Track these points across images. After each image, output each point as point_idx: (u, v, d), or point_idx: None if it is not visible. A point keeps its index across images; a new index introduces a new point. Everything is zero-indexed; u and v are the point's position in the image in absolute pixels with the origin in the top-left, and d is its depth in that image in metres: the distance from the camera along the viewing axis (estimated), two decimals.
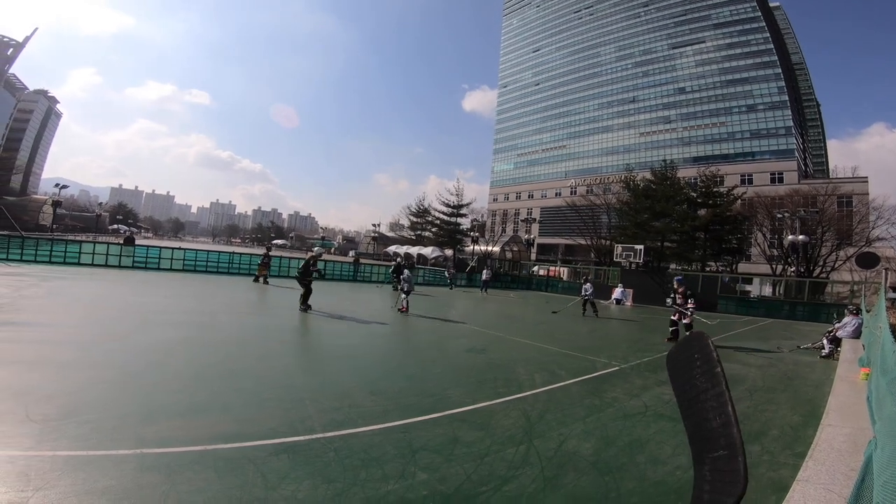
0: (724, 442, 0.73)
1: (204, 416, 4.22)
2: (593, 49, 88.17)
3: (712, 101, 71.34)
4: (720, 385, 0.76)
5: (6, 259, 18.29)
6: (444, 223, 57.22)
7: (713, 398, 0.76)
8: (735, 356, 11.14)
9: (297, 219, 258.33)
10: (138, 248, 22.86)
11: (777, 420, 5.89)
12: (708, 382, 0.78)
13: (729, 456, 0.71)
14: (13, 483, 2.78)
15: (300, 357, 7.74)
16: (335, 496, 2.99)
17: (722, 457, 0.72)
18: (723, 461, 0.72)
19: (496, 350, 9.35)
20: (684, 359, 0.84)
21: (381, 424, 4.37)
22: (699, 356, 0.81)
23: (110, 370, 5.40)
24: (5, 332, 6.75)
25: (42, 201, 68.63)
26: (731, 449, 0.71)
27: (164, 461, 3.25)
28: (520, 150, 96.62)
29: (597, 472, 3.83)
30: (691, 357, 0.82)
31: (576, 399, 6.17)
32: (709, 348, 0.80)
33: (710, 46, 72.99)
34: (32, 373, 5.01)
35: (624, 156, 77.43)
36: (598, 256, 51.18)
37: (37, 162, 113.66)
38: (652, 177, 44.77)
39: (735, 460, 0.70)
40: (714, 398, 0.76)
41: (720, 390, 0.76)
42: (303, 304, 11.74)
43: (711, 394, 0.77)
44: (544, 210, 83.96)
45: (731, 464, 0.71)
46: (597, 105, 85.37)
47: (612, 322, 19.12)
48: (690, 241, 40.10)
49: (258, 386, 5.35)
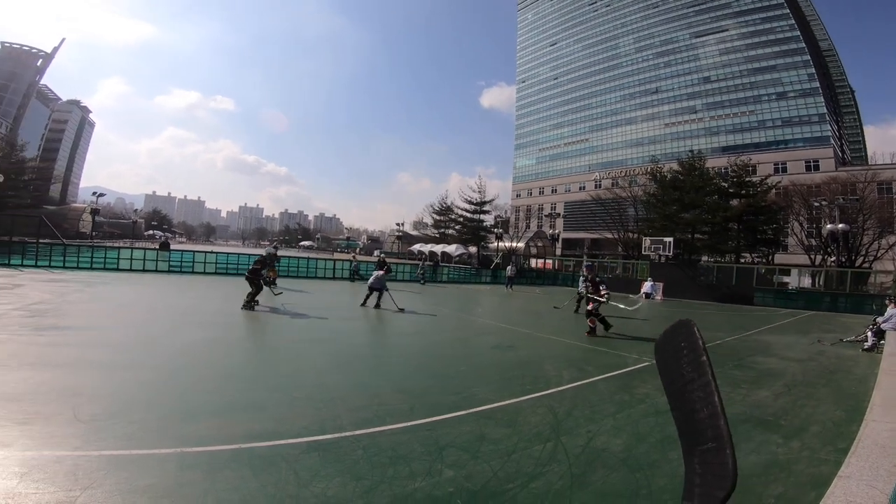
0: (712, 434, 0.71)
1: (239, 415, 4.34)
2: (611, 41, 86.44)
3: (739, 90, 68.98)
4: (706, 375, 0.74)
5: (49, 266, 19.17)
6: (468, 220, 57.10)
7: (700, 388, 0.75)
8: (773, 350, 10.81)
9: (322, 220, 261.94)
10: (173, 252, 23.70)
11: (818, 415, 5.69)
12: (694, 372, 0.76)
13: (717, 448, 0.70)
14: (62, 482, 2.87)
15: (327, 356, 7.86)
16: (364, 493, 3.04)
17: (710, 449, 0.71)
18: (711, 454, 0.70)
19: (523, 346, 9.31)
20: (671, 348, 0.82)
21: (409, 422, 4.42)
22: (685, 344, 0.79)
23: (150, 371, 5.62)
24: (52, 335, 7.08)
25: (81, 209, 71.42)
26: (718, 441, 0.70)
27: (202, 460, 3.35)
28: (541, 144, 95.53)
29: (627, 469, 3.78)
30: (678, 346, 0.80)
31: (605, 395, 6.09)
32: (695, 336, 0.78)
33: (734, 35, 70.60)
34: (78, 374, 5.25)
35: (649, 147, 75.68)
36: (625, 250, 50.30)
37: (74, 171, 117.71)
38: (679, 168, 43.70)
39: (723, 453, 0.69)
40: (701, 388, 0.74)
41: (706, 380, 0.74)
42: (248, 302, 11.24)
43: (698, 384, 0.75)
44: (568, 204, 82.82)
45: (720, 456, 0.69)
46: (618, 97, 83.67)
47: (643, 317, 18.77)
48: (723, 233, 38.93)
49: (288, 385, 5.48)
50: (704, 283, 30.68)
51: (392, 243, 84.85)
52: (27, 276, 15.24)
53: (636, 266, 36.21)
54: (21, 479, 2.83)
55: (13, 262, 19.09)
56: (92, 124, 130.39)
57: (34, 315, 8.51)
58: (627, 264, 38.93)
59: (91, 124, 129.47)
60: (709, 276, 31.99)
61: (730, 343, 11.66)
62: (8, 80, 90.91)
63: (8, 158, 49.08)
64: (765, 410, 5.82)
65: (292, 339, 8.68)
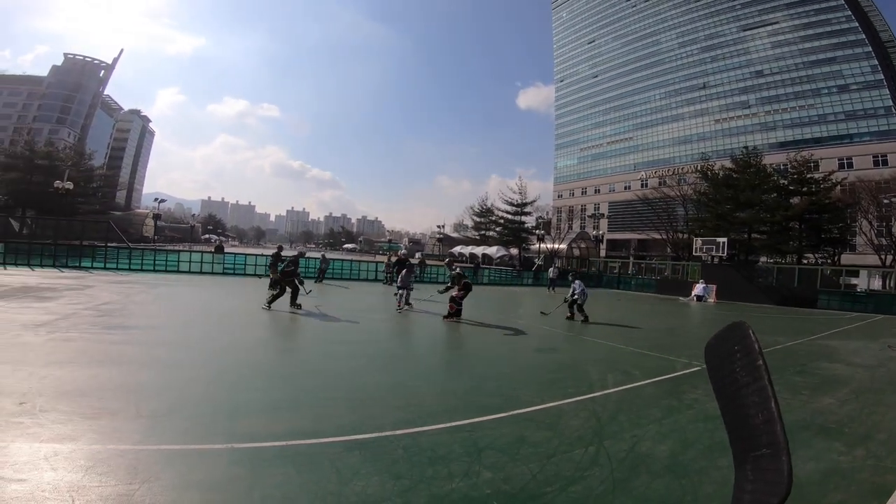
0: (767, 440, 0.68)
1: (283, 413, 4.49)
2: (652, 37, 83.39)
3: (796, 83, 64.81)
4: (762, 379, 0.72)
5: (116, 268, 20.54)
6: (509, 222, 56.75)
7: (755, 393, 0.72)
8: (839, 355, 10.14)
9: (364, 223, 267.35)
10: (227, 255, 24.91)
11: (886, 423, 5.31)
12: (749, 376, 0.74)
13: (772, 455, 0.67)
14: (122, 476, 3.01)
15: (368, 357, 8.02)
16: (402, 492, 3.07)
17: (765, 455, 0.69)
18: (765, 460, 0.68)
19: (566, 349, 9.16)
20: (723, 351, 0.80)
21: (448, 423, 4.43)
22: (739, 348, 0.77)
23: (205, 369, 5.91)
24: (119, 334, 7.57)
25: (145, 215, 76.20)
26: (774, 447, 0.67)
27: (250, 456, 3.47)
28: (582, 144, 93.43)
29: (672, 475, 3.64)
30: (731, 349, 0.78)
31: (651, 400, 5.90)
32: (750, 339, 0.76)
33: (786, 27, 66.61)
34: (142, 372, 5.60)
35: (698, 144, 72.41)
36: (674, 251, 48.46)
37: (137, 178, 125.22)
38: (733, 165, 41.69)
39: (778, 459, 0.66)
40: (756, 393, 0.72)
41: (762, 384, 0.72)
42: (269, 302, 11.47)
43: (753, 388, 0.73)
44: (613, 204, 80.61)
45: (775, 463, 0.67)
46: (662, 94, 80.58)
47: (694, 320, 18.03)
48: (783, 232, 36.74)
49: (331, 384, 5.63)
50: (762, 284, 29.08)
51: (433, 245, 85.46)
52: (96, 277, 16.36)
53: (687, 267, 34.76)
54: (86, 473, 2.99)
55: (83, 265, 20.58)
56: (152, 133, 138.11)
57: (103, 315, 9.13)
58: (677, 266, 37.41)
59: (151, 133, 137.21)
60: (767, 277, 30.30)
61: (791, 348, 11.02)
62: (73, 90, 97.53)
63: (77, 167, 52.75)
64: (827, 418, 5.48)
65: (332, 340, 8.89)
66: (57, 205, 41.91)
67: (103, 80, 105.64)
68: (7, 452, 3.17)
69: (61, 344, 6.50)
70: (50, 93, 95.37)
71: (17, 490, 2.70)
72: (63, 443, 3.39)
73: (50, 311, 8.90)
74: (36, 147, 51.51)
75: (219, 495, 2.92)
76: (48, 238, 23.52)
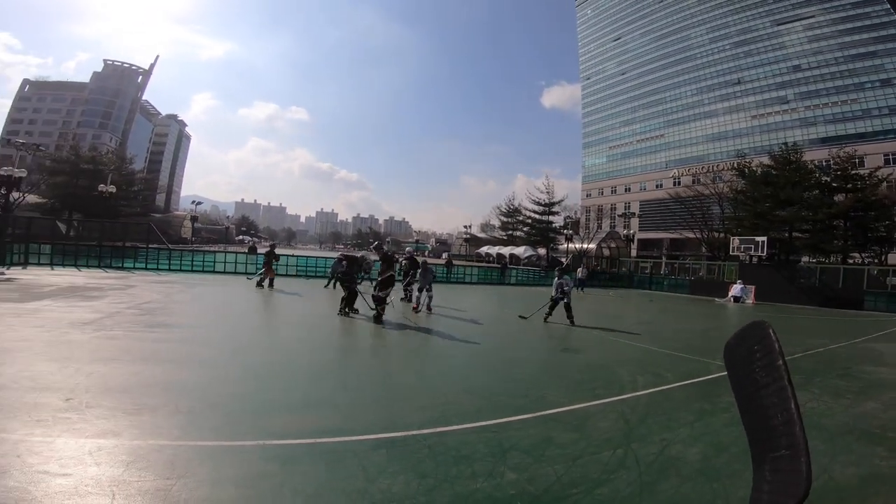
0: (786, 441, 0.68)
1: (313, 411, 4.59)
2: (681, 33, 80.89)
3: (836, 78, 61.73)
4: (782, 380, 0.72)
5: (157, 268, 21.38)
6: (536, 222, 56.19)
7: (774, 394, 0.72)
8: (885, 359, 9.74)
9: (392, 223, 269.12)
10: (260, 256, 25.56)
11: None
12: (769, 377, 0.73)
13: (791, 456, 0.67)
14: (161, 471, 3.10)
15: (397, 355, 8.12)
16: (427, 491, 3.10)
17: (784, 457, 0.68)
18: (784, 461, 0.68)
19: (594, 350, 9.03)
20: (743, 351, 0.79)
21: (474, 423, 4.44)
22: (759, 348, 0.76)
23: (239, 367, 6.10)
24: (160, 333, 7.89)
25: (183, 217, 78.78)
26: (793, 448, 0.67)
27: (280, 452, 3.56)
28: (611, 142, 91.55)
29: (704, 479, 3.56)
30: (750, 349, 0.78)
31: (683, 403, 5.77)
32: (770, 338, 0.75)
33: (822, 21, 63.60)
34: (181, 369, 5.83)
35: (733, 141, 69.96)
36: (710, 250, 46.93)
37: (175, 181, 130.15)
38: (771, 161, 40.21)
39: (797, 460, 0.66)
40: (775, 394, 0.72)
41: (781, 385, 0.71)
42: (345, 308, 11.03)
43: (772, 389, 0.72)
44: (644, 203, 78.71)
45: (794, 464, 0.66)
46: (694, 90, 78.07)
47: (731, 321, 17.47)
48: (826, 231, 35.16)
49: (360, 383, 5.73)
50: (804, 285, 27.90)
51: (460, 245, 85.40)
52: (138, 277, 17.08)
53: (723, 267, 33.64)
54: (127, 468, 3.12)
55: (126, 265, 21.54)
56: (188, 137, 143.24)
57: (145, 313, 9.54)
58: (712, 265, 36.24)
59: (187, 137, 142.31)
60: (810, 277, 29.06)
61: (834, 351, 10.57)
62: (114, 96, 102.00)
63: (119, 171, 55.02)
64: (870, 422, 5.26)
65: (362, 340, 9.05)
66: (101, 208, 43.82)
67: (141, 86, 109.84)
68: (54, 447, 3.33)
69: (106, 341, 6.82)
70: (92, 98, 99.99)
71: (61, 484, 2.83)
72: (106, 438, 3.54)
73: (96, 310, 9.35)
74: (81, 152, 53.95)
75: (250, 491, 3.00)
76: (93, 240, 24.67)
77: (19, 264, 18.80)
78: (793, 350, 9.50)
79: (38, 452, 3.22)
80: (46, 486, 2.81)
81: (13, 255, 19.40)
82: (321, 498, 2.97)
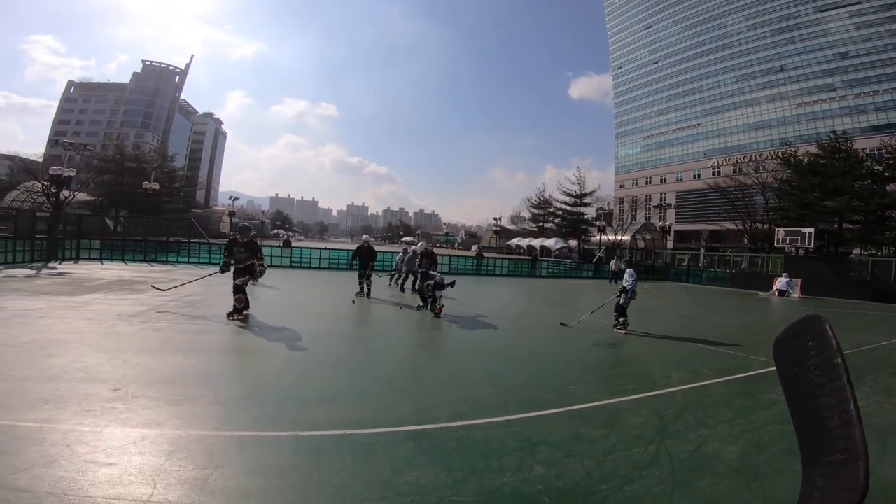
0: (843, 444, 0.64)
1: (343, 403, 4.67)
2: (717, 20, 77.15)
3: (887, 65, 57.95)
4: (840, 379, 0.67)
5: (198, 262, 22.15)
6: (567, 213, 55.21)
7: (831, 394, 0.67)
8: None
9: (421, 216, 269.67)
10: (294, 249, 26.19)
11: None
12: (825, 376, 0.69)
13: (847, 461, 0.62)
14: (199, 461, 3.19)
15: (426, 349, 8.16)
16: (454, 484, 3.11)
17: (839, 461, 0.64)
18: (839, 466, 0.63)
19: (627, 345, 8.83)
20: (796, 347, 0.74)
21: (502, 417, 4.43)
22: (814, 344, 0.71)
23: (275, 358, 6.28)
24: (200, 325, 8.17)
25: (221, 212, 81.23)
26: (850, 453, 0.62)
27: (311, 444, 3.64)
28: (645, 132, 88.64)
29: (740, 478, 3.44)
30: (804, 345, 0.72)
31: (721, 400, 5.58)
32: (826, 334, 0.70)
33: (869, 7, 59.63)
34: (221, 360, 6.04)
35: (777, 130, 66.64)
36: (752, 242, 45.05)
37: (213, 177, 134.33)
38: (819, 150, 38.30)
39: (855, 466, 0.61)
40: (832, 394, 0.67)
41: (840, 385, 0.66)
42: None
43: (829, 388, 0.67)
44: (681, 194, 76.06)
45: (850, 469, 0.62)
46: (733, 78, 74.51)
47: (776, 316, 16.77)
48: (879, 222, 33.26)
49: (389, 376, 5.78)
50: (855, 279, 26.47)
51: (490, 238, 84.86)
52: (181, 271, 17.68)
53: (767, 260, 32.26)
54: (168, 457, 3.24)
55: (170, 259, 22.46)
56: (224, 134, 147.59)
57: (188, 306, 9.92)
58: (756, 258, 34.78)
59: (224, 134, 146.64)
60: (861, 271, 27.55)
61: (886, 348, 10.01)
62: (153, 96, 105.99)
63: (162, 168, 57.61)
64: None
65: (393, 334, 9.15)
66: (146, 204, 45.82)
67: (178, 85, 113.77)
68: (101, 437, 3.49)
69: (151, 333, 7.13)
70: (133, 98, 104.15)
71: (106, 474, 2.96)
72: (150, 428, 3.70)
73: (142, 303, 9.80)
74: (125, 151, 56.59)
75: (281, 482, 3.07)
76: (139, 235, 25.83)
77: (71, 259, 19.87)
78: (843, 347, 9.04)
79: (86, 442, 3.38)
80: (93, 475, 2.94)
81: (65, 251, 20.53)
82: (348, 489, 3.02)
